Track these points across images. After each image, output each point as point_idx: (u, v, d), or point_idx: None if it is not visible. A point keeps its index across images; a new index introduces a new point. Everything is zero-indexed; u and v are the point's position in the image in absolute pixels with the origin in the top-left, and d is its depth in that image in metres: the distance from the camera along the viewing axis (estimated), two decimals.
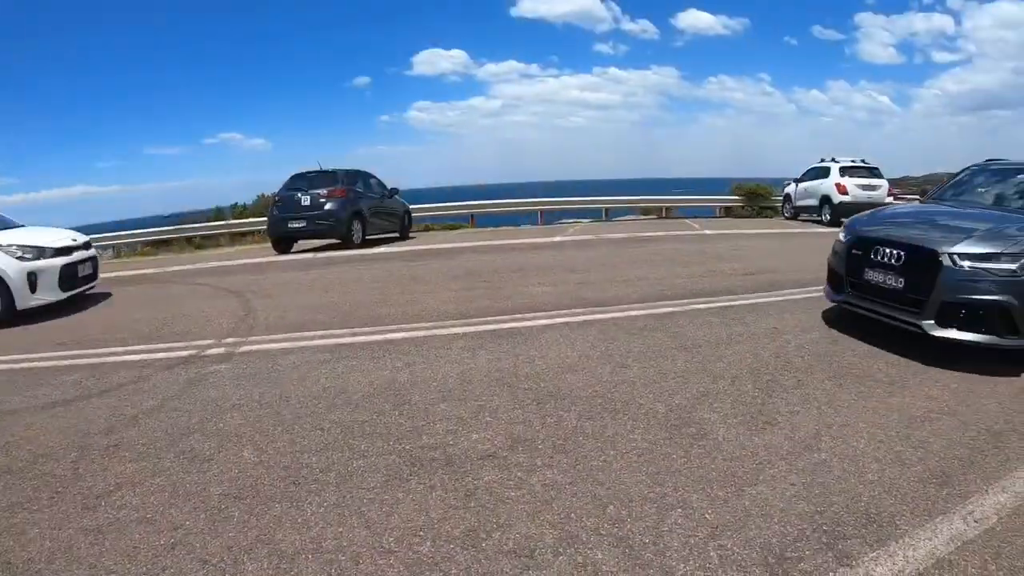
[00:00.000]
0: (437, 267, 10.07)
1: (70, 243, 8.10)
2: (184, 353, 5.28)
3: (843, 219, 11.05)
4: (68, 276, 7.88)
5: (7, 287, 7.26)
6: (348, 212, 13.60)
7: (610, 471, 3.06)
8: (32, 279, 7.44)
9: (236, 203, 27.75)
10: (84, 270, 8.30)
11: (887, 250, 5.16)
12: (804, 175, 19.72)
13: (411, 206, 18.15)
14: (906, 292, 4.95)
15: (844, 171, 17.61)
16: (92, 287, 8.61)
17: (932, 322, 4.67)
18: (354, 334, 5.69)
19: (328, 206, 13.27)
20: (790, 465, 3.12)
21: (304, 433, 3.58)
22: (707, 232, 15.70)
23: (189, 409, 3.99)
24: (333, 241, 14.08)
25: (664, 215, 24.14)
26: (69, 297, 7.88)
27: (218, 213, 25.95)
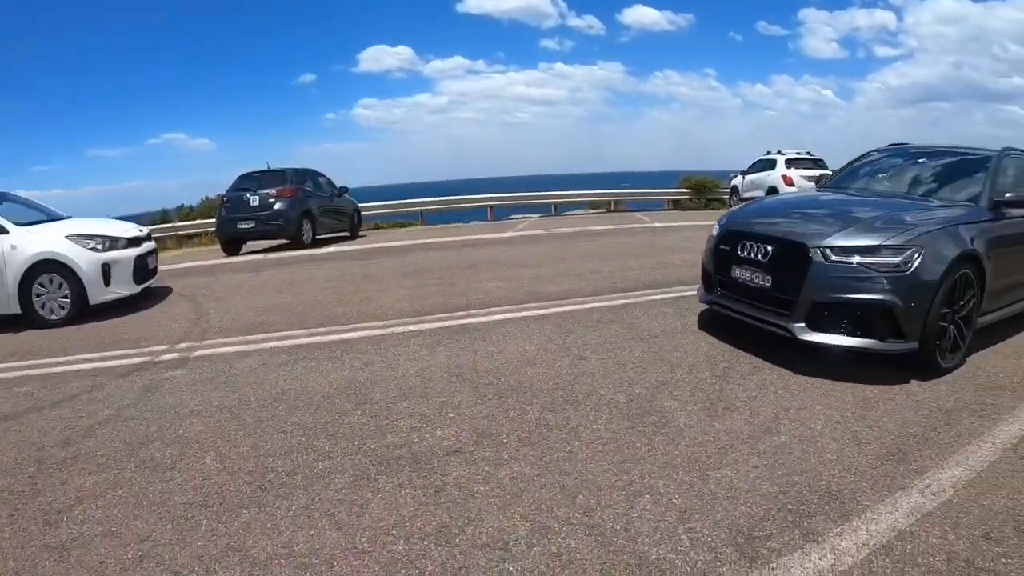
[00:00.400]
0: (389, 265, 10.01)
1: (138, 233, 7.68)
2: (137, 360, 5.15)
3: None
4: (140, 268, 7.50)
5: (79, 280, 6.81)
6: (297, 212, 13.41)
7: (576, 461, 3.12)
8: (106, 271, 7.01)
9: (182, 205, 26.88)
10: (151, 262, 7.95)
11: (754, 244, 4.71)
12: (751, 167, 20.17)
13: (360, 204, 17.99)
14: (774, 291, 4.51)
15: (790, 163, 18.16)
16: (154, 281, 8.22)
17: (802, 325, 4.26)
18: (310, 335, 5.64)
19: (277, 206, 13.06)
20: (751, 448, 3.24)
21: (267, 437, 3.54)
22: (656, 225, 15.95)
23: (147, 417, 3.90)
24: (283, 241, 13.87)
25: (612, 209, 24.36)
26: (142, 291, 7.56)
27: (164, 216, 25.11)
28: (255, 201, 13.19)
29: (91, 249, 6.93)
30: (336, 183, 15.88)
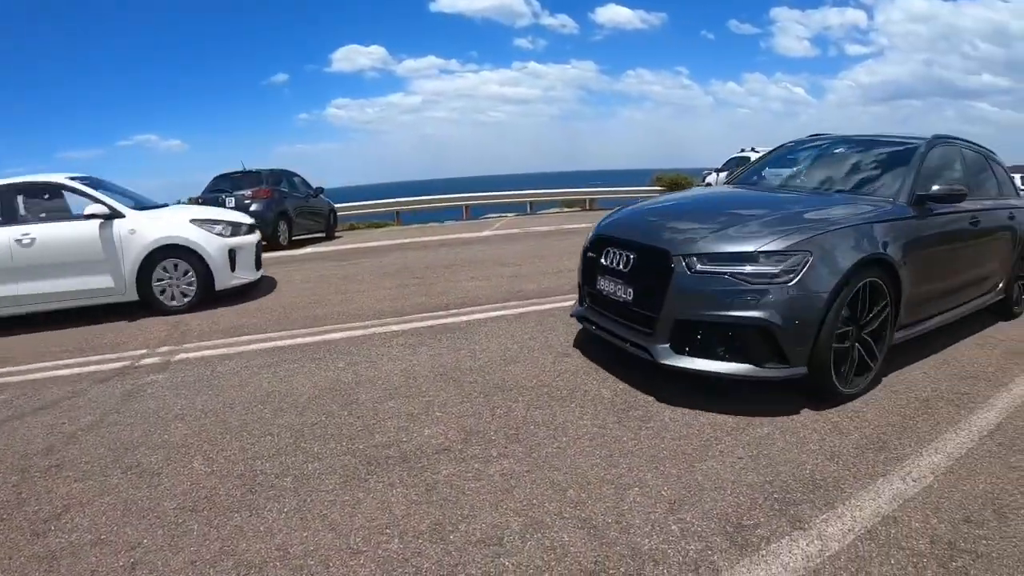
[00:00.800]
0: (368, 265, 9.98)
1: (251, 221, 7.72)
2: (117, 365, 5.08)
3: None
4: (258, 255, 7.54)
5: (206, 265, 6.76)
6: (274, 213, 13.30)
7: (565, 456, 3.16)
8: (232, 256, 6.98)
9: None
10: (259, 250, 7.92)
11: (617, 252, 4.12)
12: (725, 164, 20.53)
13: (336, 205, 17.91)
14: (635, 306, 3.91)
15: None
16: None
17: (666, 346, 3.66)
18: (292, 336, 5.61)
19: (253, 207, 12.96)
20: (736, 440, 3.30)
21: (254, 439, 3.52)
22: None
23: (130, 423, 3.86)
24: None
25: (588, 207, 24.46)
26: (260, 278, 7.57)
27: None
28: (231, 203, 13.04)
29: (218, 234, 6.90)
30: (312, 183, 15.77)
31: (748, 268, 3.45)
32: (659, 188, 25.47)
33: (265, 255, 12.24)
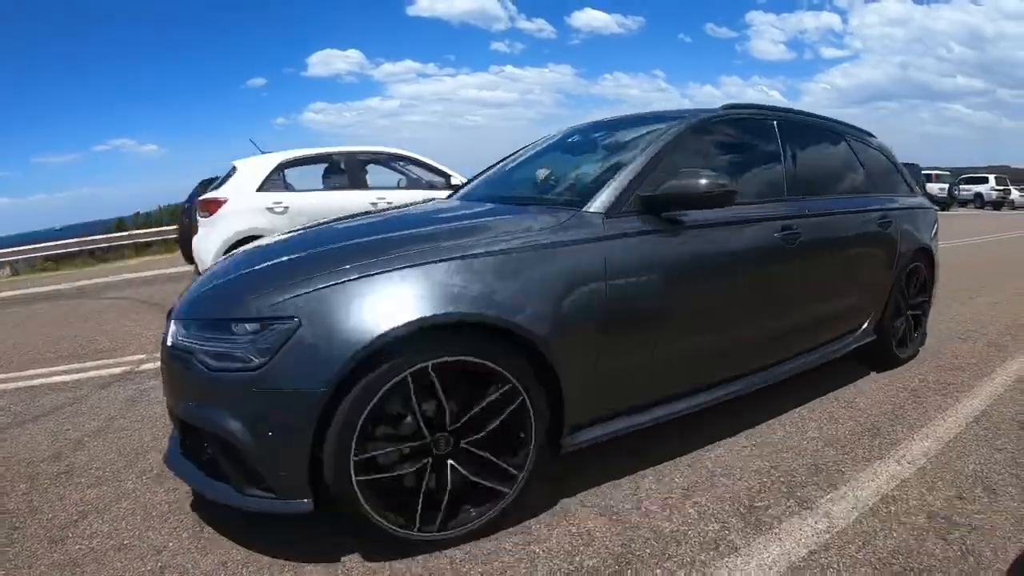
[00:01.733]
0: None
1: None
2: (117, 370, 5.04)
3: None
4: None
5: None
6: None
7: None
8: None
9: (138, 212, 26.19)
10: None
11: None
12: None
13: None
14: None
15: None
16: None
17: (176, 449, 2.64)
18: None
19: None
20: (735, 429, 3.49)
21: None
22: None
23: (137, 427, 3.85)
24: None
25: None
26: None
27: (120, 224, 24.24)
28: None
29: None
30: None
31: (217, 345, 2.24)
32: None
33: None
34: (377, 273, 2.20)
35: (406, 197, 6.91)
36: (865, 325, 4.11)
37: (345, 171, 7.57)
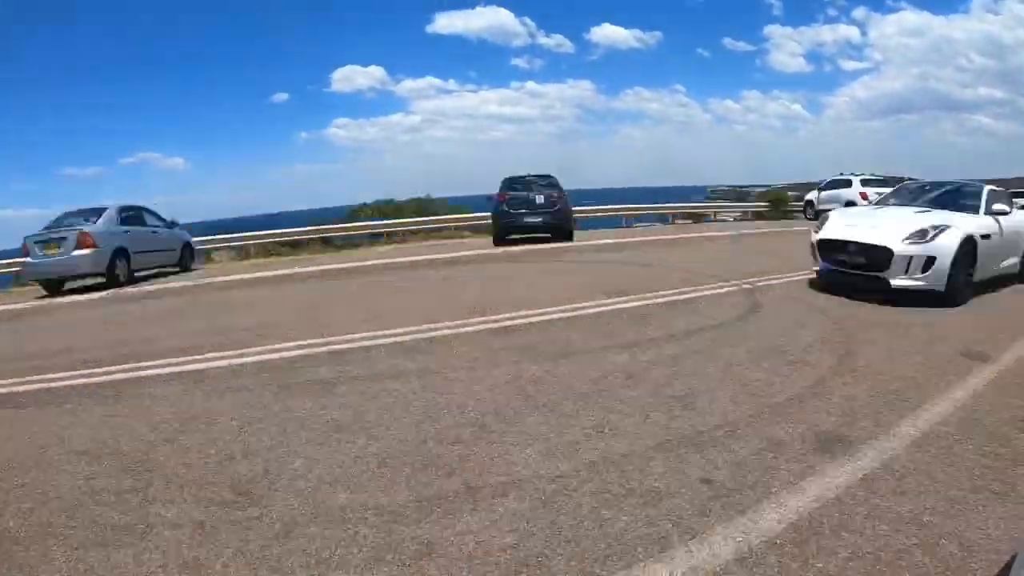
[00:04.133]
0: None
1: None
2: None
3: None
4: None
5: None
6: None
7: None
8: None
9: (364, 203, 27.22)
10: None
11: None
12: (826, 185, 23.61)
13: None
14: None
15: (865, 182, 21.91)
16: None
17: None
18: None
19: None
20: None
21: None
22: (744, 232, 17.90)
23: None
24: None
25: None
26: None
27: (354, 214, 24.85)
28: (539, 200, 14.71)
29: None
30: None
31: None
32: (766, 204, 27.93)
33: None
34: None
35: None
36: None
37: None
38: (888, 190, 21.74)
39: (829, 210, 22.16)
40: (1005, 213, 6.73)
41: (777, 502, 2.29)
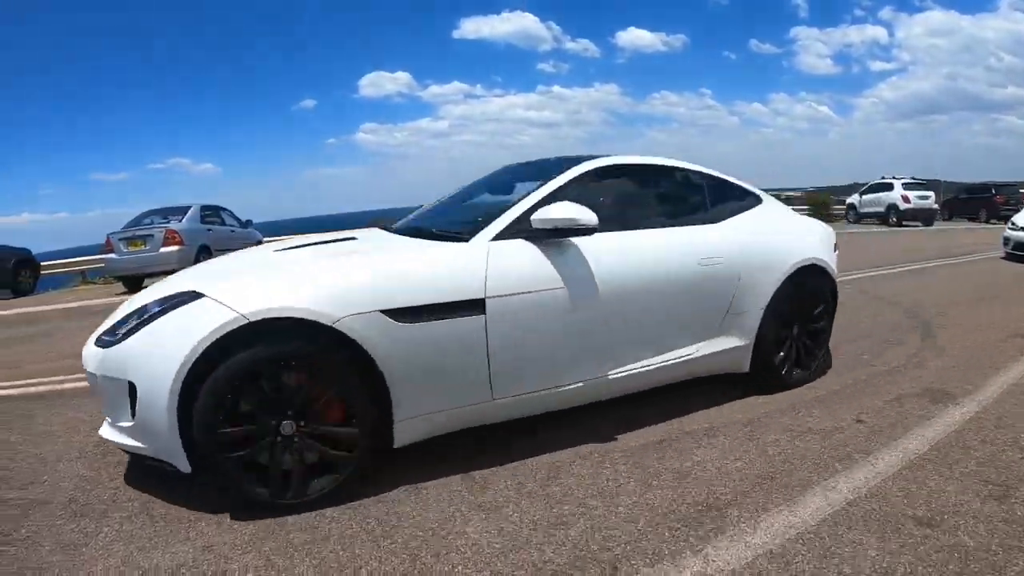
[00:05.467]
0: None
1: None
2: None
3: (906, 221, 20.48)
4: None
5: None
6: None
7: None
8: None
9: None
10: None
11: None
12: (867, 189, 24.91)
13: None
14: None
15: (906, 186, 22.89)
16: None
17: None
18: None
19: None
20: None
21: None
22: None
23: None
24: None
25: None
26: None
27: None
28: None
29: None
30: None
31: None
32: (809, 206, 27.71)
33: None
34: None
35: None
36: None
37: None
38: (930, 194, 23.19)
39: (871, 213, 23.92)
40: None
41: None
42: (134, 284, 12.75)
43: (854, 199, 25.91)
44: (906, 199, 22.69)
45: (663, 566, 2.10)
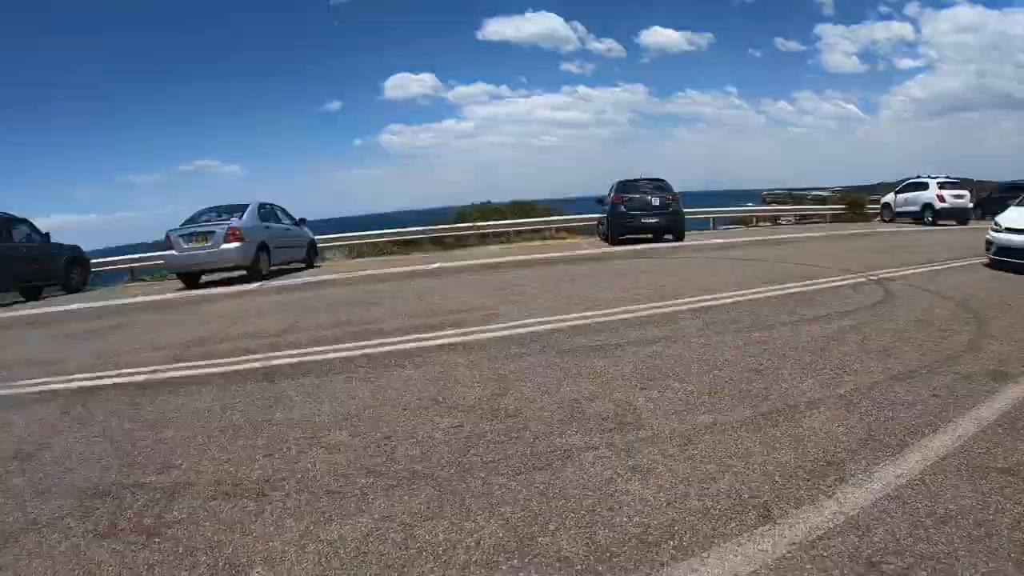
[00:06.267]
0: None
1: None
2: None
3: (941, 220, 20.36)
4: None
5: None
6: None
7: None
8: None
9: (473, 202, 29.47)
10: None
11: None
12: (902, 188, 25.03)
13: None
14: None
15: (941, 185, 23.03)
16: None
17: None
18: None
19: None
20: None
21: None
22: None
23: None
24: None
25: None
26: None
27: (462, 215, 26.52)
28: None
29: None
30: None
31: None
32: (843, 206, 29.36)
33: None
34: None
35: None
36: None
37: None
38: (965, 192, 23.58)
39: (906, 212, 24.22)
40: None
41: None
42: (192, 280, 13.31)
43: (889, 198, 26.09)
44: (942, 198, 22.80)
45: (807, 507, 2.63)
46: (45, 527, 2.76)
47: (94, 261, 17.72)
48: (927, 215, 23.22)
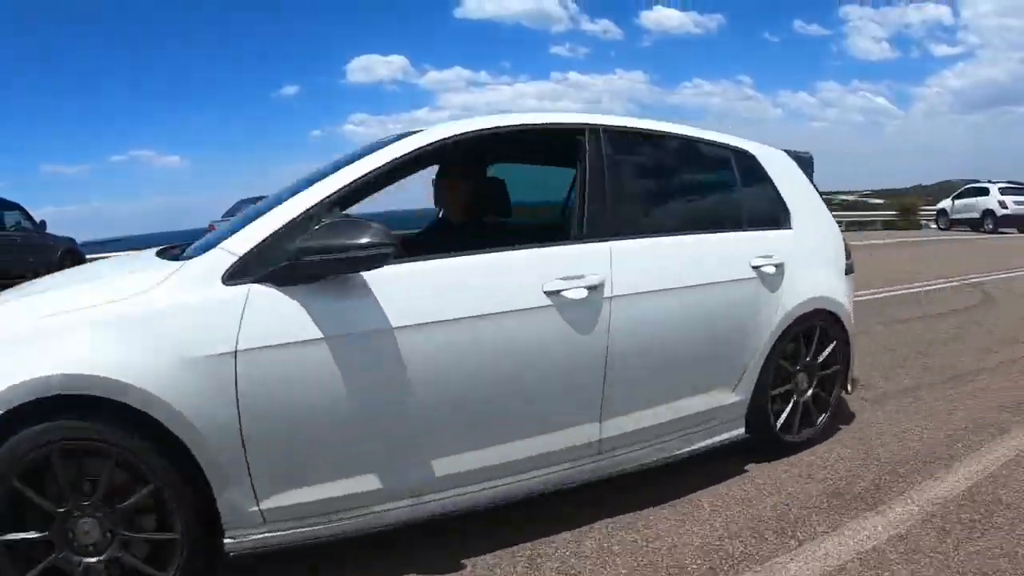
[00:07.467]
0: None
1: None
2: None
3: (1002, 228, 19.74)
4: None
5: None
6: None
7: None
8: None
9: None
10: None
11: None
12: (960, 194, 24.28)
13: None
14: None
15: (1003, 191, 22.15)
16: None
17: None
18: None
19: None
20: None
21: None
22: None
23: None
24: None
25: None
26: None
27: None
28: None
29: None
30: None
31: None
32: (897, 212, 28.41)
33: None
34: None
35: None
36: None
37: None
38: None
39: (964, 219, 23.57)
40: None
41: None
42: None
43: (945, 204, 25.08)
44: (1003, 204, 21.86)
45: (872, 512, 2.73)
46: None
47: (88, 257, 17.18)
48: (987, 222, 22.44)
